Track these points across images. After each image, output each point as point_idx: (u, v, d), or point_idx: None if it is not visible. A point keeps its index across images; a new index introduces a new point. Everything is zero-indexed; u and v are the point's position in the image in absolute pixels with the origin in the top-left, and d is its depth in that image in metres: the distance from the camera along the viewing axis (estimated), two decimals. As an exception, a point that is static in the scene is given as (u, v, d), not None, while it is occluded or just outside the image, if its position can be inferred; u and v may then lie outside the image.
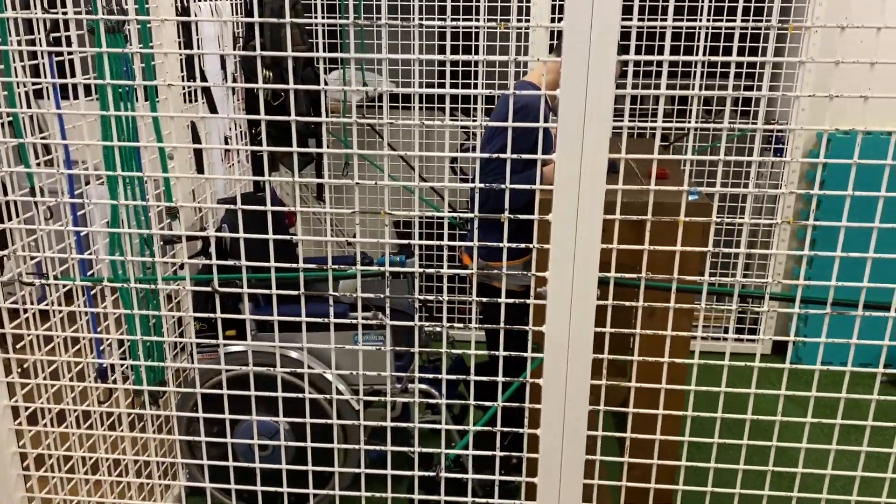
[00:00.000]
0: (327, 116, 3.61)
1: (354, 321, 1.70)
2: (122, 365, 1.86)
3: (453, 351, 1.54)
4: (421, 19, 1.31)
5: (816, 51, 3.24)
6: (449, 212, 3.79)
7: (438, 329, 2.56)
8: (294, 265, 1.47)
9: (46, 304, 1.75)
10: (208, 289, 1.47)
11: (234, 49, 3.11)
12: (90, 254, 1.83)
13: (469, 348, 4.11)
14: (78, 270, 1.84)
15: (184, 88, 2.63)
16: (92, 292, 2.02)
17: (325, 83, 3.56)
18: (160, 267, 1.45)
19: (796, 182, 3.57)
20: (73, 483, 1.96)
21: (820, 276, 1.40)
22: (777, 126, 2.38)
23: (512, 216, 1.43)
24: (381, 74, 3.95)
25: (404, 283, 2.97)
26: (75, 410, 1.80)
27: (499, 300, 1.49)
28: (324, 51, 3.76)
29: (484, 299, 1.50)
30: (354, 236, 4.26)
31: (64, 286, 1.91)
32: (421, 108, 1.24)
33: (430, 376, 2.65)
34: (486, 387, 1.58)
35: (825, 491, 1.54)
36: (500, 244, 1.45)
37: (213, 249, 1.44)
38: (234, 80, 3.05)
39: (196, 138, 2.70)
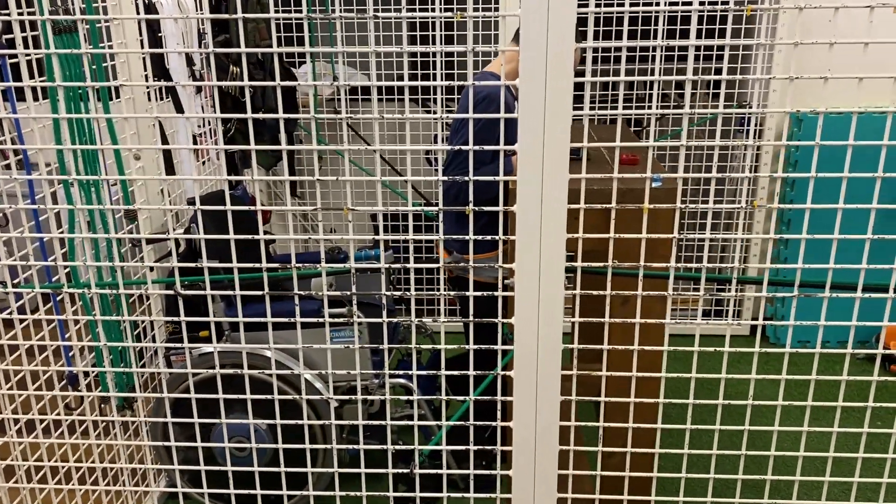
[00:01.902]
0: (299, 111, 3.57)
1: (327, 319, 1.67)
2: (92, 372, 1.83)
3: (423, 346, 1.52)
4: (376, 10, 1.29)
5: (786, 31, 3.24)
6: (423, 205, 3.77)
7: (415, 323, 2.55)
8: (258, 265, 1.45)
9: (9, 314, 1.72)
10: (171, 292, 1.44)
11: (200, 46, 3.07)
12: (53, 260, 1.80)
13: (446, 340, 4.09)
14: (37, 277, 1.81)
15: (147, 89, 2.58)
16: (58, 298, 1.98)
17: (295, 78, 3.52)
18: (120, 271, 1.42)
19: (769, 164, 3.58)
20: (45, 493, 1.93)
21: (796, 259, 1.40)
22: (735, 111, 2.38)
23: (476, 208, 1.41)
24: (352, 67, 3.91)
25: (380, 278, 2.95)
26: (43, 420, 1.77)
27: (474, 293, 1.48)
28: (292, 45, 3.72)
29: (456, 293, 1.48)
30: (332, 231, 4.23)
31: (28, 293, 1.87)
32: (399, 101, 1.21)
33: (403, 372, 2.63)
34: (466, 379, 1.57)
35: (798, 473, 1.54)
36: (474, 237, 1.43)
37: (173, 251, 1.41)
38: (201, 78, 3.00)
39: (164, 138, 2.66)
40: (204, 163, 3.22)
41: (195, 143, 2.97)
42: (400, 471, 1.55)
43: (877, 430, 1.54)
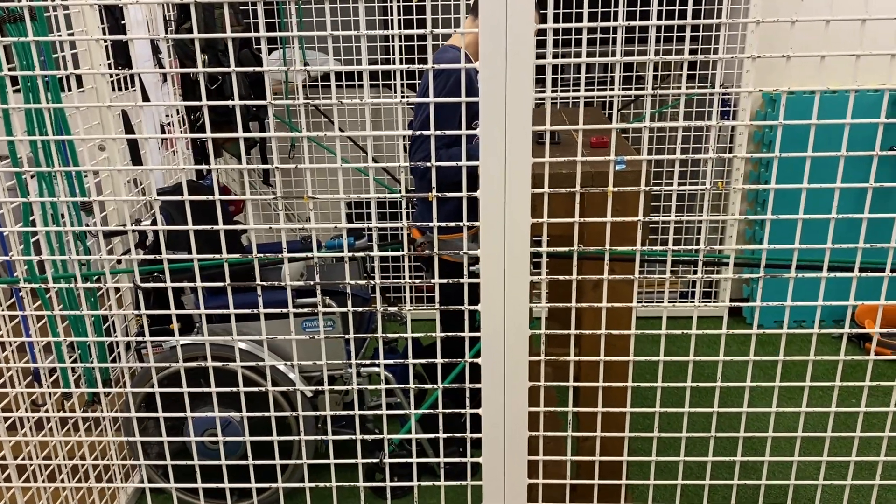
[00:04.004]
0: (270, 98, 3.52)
1: (298, 308, 1.65)
2: (55, 369, 1.79)
3: (392, 336, 1.50)
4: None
5: (756, 10, 3.23)
6: (396, 190, 3.74)
7: (392, 310, 2.52)
8: (218, 256, 1.42)
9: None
10: (130, 284, 1.41)
11: (167, 33, 3.02)
12: (12, 255, 1.76)
13: (423, 327, 4.06)
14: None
15: (112, 77, 2.53)
16: (20, 293, 1.95)
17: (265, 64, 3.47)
18: (74, 264, 1.39)
19: (745, 145, 3.58)
20: (10, 493, 1.90)
21: (773, 239, 1.39)
22: (698, 91, 2.37)
23: (440, 195, 1.39)
24: (324, 53, 3.86)
25: (355, 266, 2.93)
26: (7, 418, 1.73)
27: (445, 279, 1.46)
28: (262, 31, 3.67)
29: (426, 280, 1.46)
30: (308, 220, 4.19)
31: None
32: (385, 86, 1.18)
33: (370, 362, 2.61)
34: (443, 366, 1.56)
35: (767, 453, 1.54)
36: (444, 219, 1.41)
37: (131, 243, 1.38)
38: (168, 66, 2.95)
39: (129, 128, 2.61)
40: (174, 153, 3.17)
41: (163, 132, 2.92)
42: (370, 461, 1.54)
43: (845, 409, 1.55)
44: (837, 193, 1.35)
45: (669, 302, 3.89)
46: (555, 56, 3.59)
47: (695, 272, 3.91)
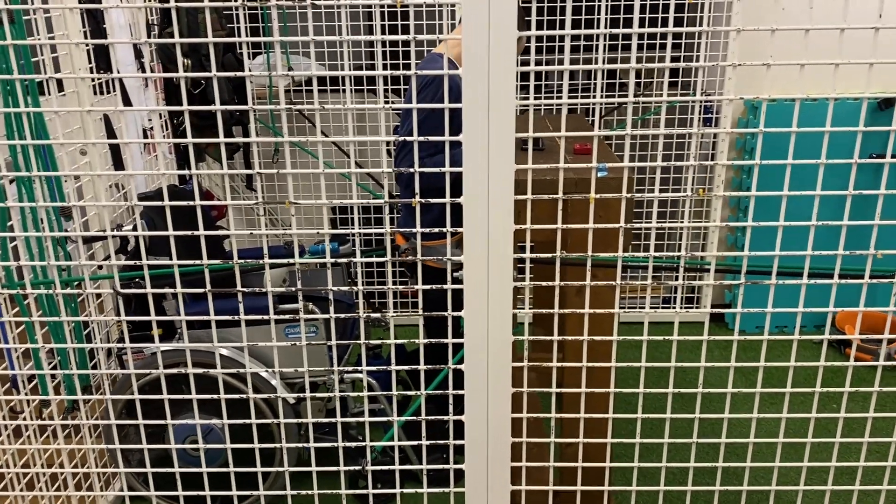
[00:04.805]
0: (254, 103, 3.51)
1: (281, 314, 1.64)
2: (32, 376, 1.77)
3: (375, 342, 1.50)
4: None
5: (738, 18, 3.26)
6: (380, 195, 3.74)
7: (377, 316, 2.52)
8: (201, 262, 1.41)
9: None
10: (110, 290, 1.40)
11: (150, 38, 3.00)
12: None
13: (407, 333, 4.05)
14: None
15: (93, 81, 2.51)
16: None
17: (249, 69, 3.46)
18: (53, 269, 1.37)
19: (726, 151, 3.61)
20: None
21: (755, 245, 1.39)
22: (680, 99, 2.39)
23: (424, 200, 1.39)
24: (308, 58, 3.85)
25: (338, 271, 2.92)
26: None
27: (428, 284, 1.45)
28: (246, 36, 3.65)
29: (410, 285, 1.46)
30: (291, 226, 4.18)
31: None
32: (370, 91, 1.18)
33: (353, 368, 2.61)
34: (426, 372, 1.55)
35: (749, 459, 1.55)
36: (428, 225, 1.41)
37: (111, 249, 1.37)
38: (151, 70, 2.93)
39: (111, 132, 2.59)
40: (156, 158, 3.15)
41: (145, 137, 2.90)
42: (352, 468, 1.53)
43: (826, 414, 1.56)
44: (818, 201, 1.36)
45: (651, 308, 3.91)
46: (537, 63, 3.60)
47: (677, 278, 3.93)
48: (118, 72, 2.47)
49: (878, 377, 1.50)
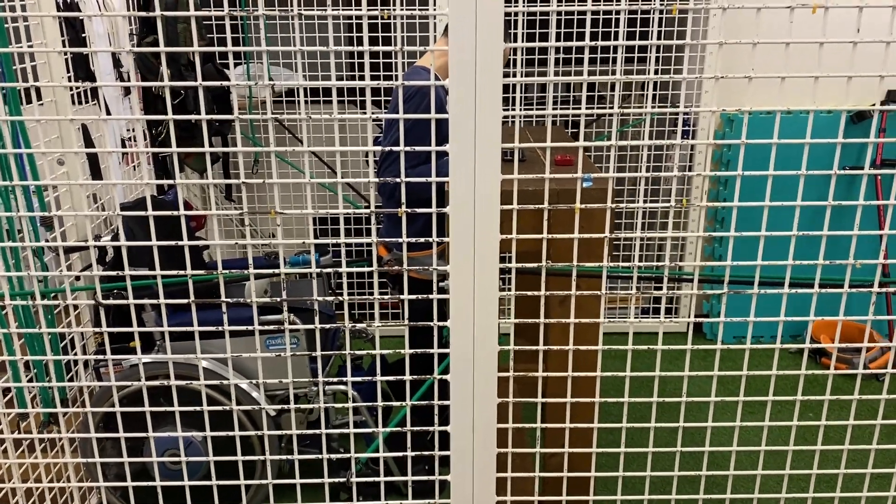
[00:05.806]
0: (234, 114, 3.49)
1: (256, 327, 1.63)
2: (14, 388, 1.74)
3: (359, 352, 1.49)
4: (300, 10, 1.26)
5: (716, 32, 3.31)
6: (364, 207, 3.73)
7: (359, 327, 2.51)
8: (183, 272, 1.39)
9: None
10: (92, 302, 1.38)
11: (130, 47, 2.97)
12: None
13: (390, 344, 4.03)
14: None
15: (72, 89, 2.49)
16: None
17: (229, 79, 3.44)
18: (32, 280, 1.35)
19: (704, 163, 3.66)
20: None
21: (733, 256, 1.41)
22: (660, 110, 2.43)
23: (409, 210, 1.39)
24: (288, 69, 3.84)
25: (320, 282, 2.90)
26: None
27: (413, 294, 1.45)
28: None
29: (394, 296, 1.45)
30: (272, 236, 4.16)
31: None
32: (350, 103, 1.18)
33: (338, 379, 2.59)
34: (410, 383, 1.55)
35: (732, 467, 1.56)
36: (412, 236, 1.41)
37: (93, 259, 1.35)
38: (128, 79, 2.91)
39: (89, 142, 2.56)
40: (135, 167, 3.12)
41: (124, 147, 2.87)
42: (336, 480, 1.52)
43: (807, 423, 1.58)
44: (798, 211, 1.38)
45: (634, 318, 3.93)
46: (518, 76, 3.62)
47: (658, 288, 3.96)
48: (98, 81, 2.45)
49: (858, 386, 1.52)
